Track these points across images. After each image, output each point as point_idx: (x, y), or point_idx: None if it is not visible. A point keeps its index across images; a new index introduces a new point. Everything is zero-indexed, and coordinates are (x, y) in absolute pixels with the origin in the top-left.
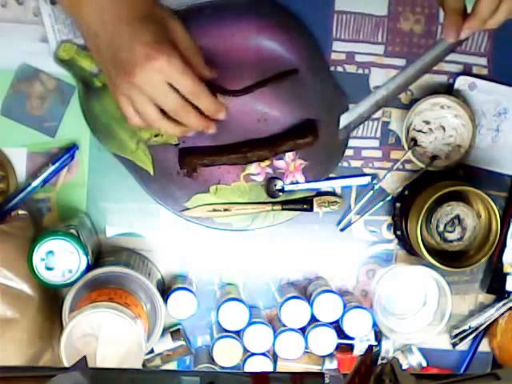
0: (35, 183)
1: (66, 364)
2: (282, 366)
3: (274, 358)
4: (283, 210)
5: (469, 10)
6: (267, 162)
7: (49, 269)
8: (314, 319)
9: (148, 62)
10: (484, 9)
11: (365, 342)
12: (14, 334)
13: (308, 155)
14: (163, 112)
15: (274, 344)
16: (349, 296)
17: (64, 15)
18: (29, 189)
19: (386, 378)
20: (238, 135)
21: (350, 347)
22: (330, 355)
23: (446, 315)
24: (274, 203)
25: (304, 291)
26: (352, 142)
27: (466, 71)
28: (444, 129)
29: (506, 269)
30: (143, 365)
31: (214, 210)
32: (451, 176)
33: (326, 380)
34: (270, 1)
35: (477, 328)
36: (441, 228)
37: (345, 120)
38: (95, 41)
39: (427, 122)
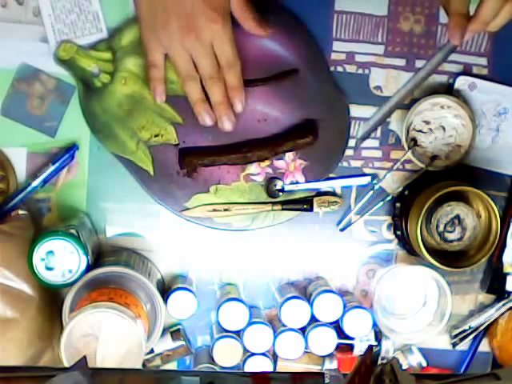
0: (35, 183)
1: (66, 364)
2: (282, 366)
3: (274, 357)
4: (283, 209)
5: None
6: (267, 162)
7: (49, 269)
8: (314, 319)
9: (210, 24)
10: (487, 12)
11: (365, 342)
12: (14, 333)
13: (308, 155)
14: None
15: (274, 344)
16: (349, 296)
17: (64, 15)
18: (29, 189)
19: (386, 378)
20: (238, 135)
21: (350, 347)
22: (330, 355)
23: (445, 315)
24: (273, 203)
25: (304, 291)
26: (352, 142)
27: (466, 71)
28: (444, 129)
29: (506, 269)
30: (143, 365)
31: (214, 210)
32: (451, 176)
33: (326, 380)
34: (270, 1)
35: (477, 328)
36: (441, 228)
37: (363, 129)
38: None
39: (427, 122)
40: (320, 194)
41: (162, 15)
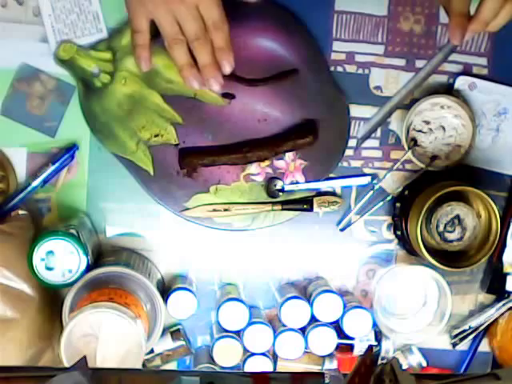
0: (35, 183)
1: (66, 364)
2: (282, 366)
3: (274, 358)
4: (283, 210)
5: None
6: (267, 162)
7: (49, 269)
8: (314, 319)
9: None
10: (487, 12)
11: (365, 342)
12: (14, 333)
13: (308, 155)
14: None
15: (274, 344)
16: (349, 296)
17: (64, 15)
18: (29, 189)
19: (386, 378)
20: (238, 135)
21: (350, 347)
22: (330, 355)
23: (445, 315)
24: (273, 203)
25: (304, 291)
26: (352, 142)
27: (466, 71)
28: (444, 129)
29: (506, 269)
30: (143, 365)
31: (214, 210)
32: (451, 176)
33: (326, 380)
34: (270, 1)
35: (477, 328)
36: (441, 228)
37: (364, 129)
38: None
39: (427, 122)
40: (320, 193)
41: None
